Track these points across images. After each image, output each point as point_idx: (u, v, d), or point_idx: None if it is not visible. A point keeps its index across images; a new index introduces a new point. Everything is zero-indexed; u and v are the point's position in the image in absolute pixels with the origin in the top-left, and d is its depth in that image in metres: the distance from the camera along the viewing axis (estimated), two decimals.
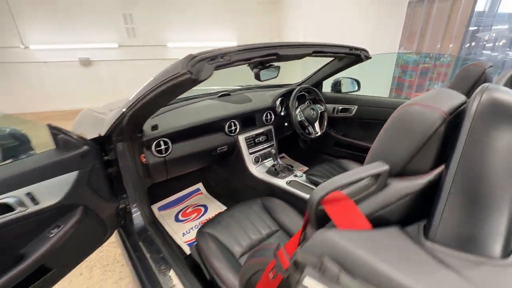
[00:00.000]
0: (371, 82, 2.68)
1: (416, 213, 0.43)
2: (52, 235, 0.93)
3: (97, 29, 4.95)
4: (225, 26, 5.58)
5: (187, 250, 1.44)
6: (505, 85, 0.86)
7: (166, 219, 1.70)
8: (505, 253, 0.33)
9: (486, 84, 0.39)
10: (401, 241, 0.37)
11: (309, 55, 1.10)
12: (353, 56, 1.38)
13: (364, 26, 4.93)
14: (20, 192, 0.84)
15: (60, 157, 0.94)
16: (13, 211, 0.82)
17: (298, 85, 1.94)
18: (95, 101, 5.35)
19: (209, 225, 1.16)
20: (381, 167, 0.44)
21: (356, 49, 1.34)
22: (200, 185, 1.92)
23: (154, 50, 5.37)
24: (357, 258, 0.34)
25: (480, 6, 7.51)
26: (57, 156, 0.94)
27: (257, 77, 1.01)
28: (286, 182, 1.40)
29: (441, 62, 5.65)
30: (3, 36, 4.57)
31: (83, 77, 5.22)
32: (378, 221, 0.43)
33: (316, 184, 1.35)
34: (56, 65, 5.00)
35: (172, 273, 1.02)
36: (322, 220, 0.46)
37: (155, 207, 1.78)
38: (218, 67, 0.78)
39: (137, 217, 1.27)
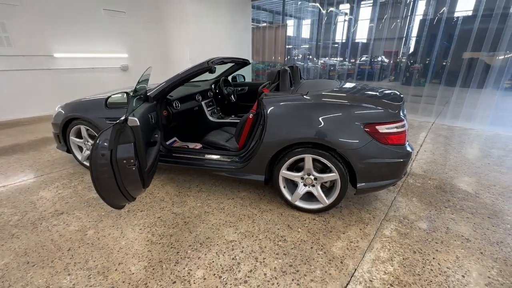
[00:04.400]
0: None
1: None
2: (156, 136, 2.19)
3: None
4: (116, 39, 6.26)
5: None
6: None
7: None
8: None
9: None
10: None
11: (231, 62, 2.87)
12: (244, 63, 3.28)
13: (229, 44, 7.17)
14: (152, 115, 2.11)
15: (151, 104, 2.23)
16: (151, 121, 2.09)
17: (218, 78, 3.66)
18: None
19: (205, 137, 2.69)
20: None
21: (245, 59, 3.25)
22: (175, 138, 3.23)
23: (38, 60, 5.28)
24: None
25: (290, 33, 12.14)
26: (150, 103, 2.22)
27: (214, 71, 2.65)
28: (230, 119, 3.11)
29: (277, 68, 8.89)
30: None
31: None
32: None
33: (241, 116, 3.13)
34: None
35: (208, 155, 2.47)
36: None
37: None
38: (216, 64, 2.39)
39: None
